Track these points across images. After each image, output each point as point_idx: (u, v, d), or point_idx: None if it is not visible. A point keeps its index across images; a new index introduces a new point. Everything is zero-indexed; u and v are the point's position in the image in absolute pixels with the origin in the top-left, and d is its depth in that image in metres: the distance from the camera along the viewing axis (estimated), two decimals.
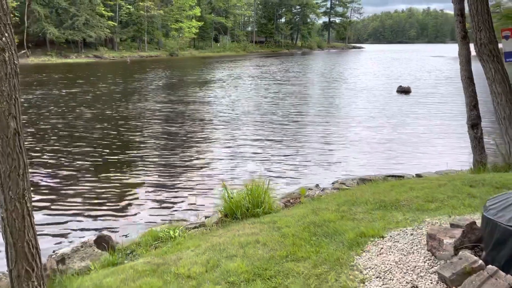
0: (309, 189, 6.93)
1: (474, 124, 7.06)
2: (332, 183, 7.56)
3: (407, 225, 4.06)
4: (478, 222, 3.96)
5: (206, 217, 6.00)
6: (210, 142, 11.54)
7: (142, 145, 11.10)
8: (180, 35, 79.51)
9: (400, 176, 7.58)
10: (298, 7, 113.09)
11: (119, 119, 15.07)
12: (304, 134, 12.42)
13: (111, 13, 66.28)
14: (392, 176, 7.54)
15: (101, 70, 42.50)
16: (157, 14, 72.94)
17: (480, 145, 7.04)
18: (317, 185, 7.32)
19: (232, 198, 5.48)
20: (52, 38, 59.57)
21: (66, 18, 60.80)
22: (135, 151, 10.47)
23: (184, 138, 11.99)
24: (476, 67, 7.09)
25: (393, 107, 17.94)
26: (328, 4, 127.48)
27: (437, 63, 51.60)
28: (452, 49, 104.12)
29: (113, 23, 66.82)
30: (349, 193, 5.63)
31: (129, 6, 69.94)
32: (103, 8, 64.03)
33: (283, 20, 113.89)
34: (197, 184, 7.85)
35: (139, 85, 27.26)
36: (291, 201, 6.16)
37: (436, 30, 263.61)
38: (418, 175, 7.70)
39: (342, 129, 13.12)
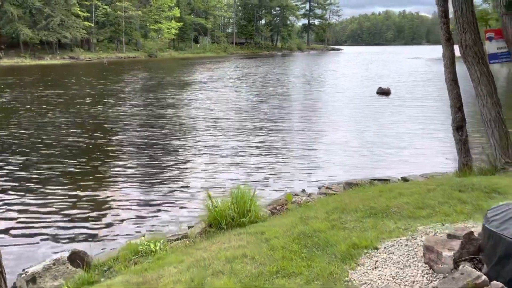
0: (295, 194, 6.74)
1: (459, 126, 7.00)
2: (318, 187, 7.39)
3: (401, 234, 3.90)
4: (474, 230, 3.83)
5: (189, 227, 5.72)
6: (190, 148, 11.15)
7: (118, 152, 10.65)
8: (159, 36, 78.56)
9: (386, 180, 7.47)
10: (277, 9, 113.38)
11: (93, 124, 14.52)
12: (287, 138, 12.20)
13: (87, 14, 64.94)
14: (378, 180, 7.42)
15: (76, 72, 41.51)
16: (135, 15, 71.88)
17: (465, 148, 6.98)
18: (303, 190, 7.13)
19: (216, 207, 5.23)
20: (26, 39, 57.98)
21: (40, 19, 59.27)
22: (110, 158, 9.99)
23: (164, 143, 11.56)
24: (457, 68, 7.05)
25: (374, 109, 17.98)
26: (307, 6, 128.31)
27: (414, 65, 52.40)
28: (428, 51, 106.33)
29: (89, 24, 65.50)
30: (337, 199, 5.46)
31: (106, 7, 68.70)
32: (78, 9, 62.68)
33: (263, 21, 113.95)
34: (178, 193, 7.50)
35: (115, 88, 26.64)
36: (277, 208, 5.96)
37: (412, 32, 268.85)
38: (404, 179, 7.60)
39: (325, 132, 12.96)
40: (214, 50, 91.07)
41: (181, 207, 6.74)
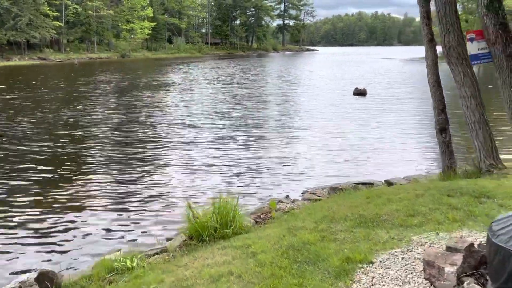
0: (279, 201, 6.48)
1: (442, 128, 6.92)
2: (302, 193, 7.16)
3: (395, 246, 3.70)
4: (471, 240, 3.66)
5: (168, 239, 5.39)
6: (167, 154, 10.56)
7: (88, 160, 10.04)
8: (132, 36, 77.12)
9: (370, 184, 7.32)
10: (252, 9, 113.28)
11: (61, 129, 13.75)
12: (267, 142, 11.80)
13: (57, 13, 63.07)
14: (362, 183, 7.27)
15: (45, 73, 40.13)
16: (106, 15, 70.30)
17: (449, 150, 6.90)
18: (287, 197, 6.89)
19: (197, 218, 4.92)
20: None
21: (8, 19, 57.14)
22: (79, 167, 9.34)
23: (138, 150, 10.95)
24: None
25: (352, 110, 17.91)
26: (282, 7, 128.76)
27: (388, 65, 53.21)
28: (400, 52, 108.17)
29: (59, 24, 63.63)
30: (324, 206, 5.24)
31: (76, 6, 66.90)
32: (47, 8, 60.77)
33: (238, 22, 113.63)
34: (155, 203, 7.01)
35: (86, 89, 25.79)
36: (261, 216, 5.69)
37: (384, 33, 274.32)
38: (388, 182, 7.47)
39: (305, 136, 12.64)
40: (188, 51, 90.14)
41: (159, 219, 6.30)
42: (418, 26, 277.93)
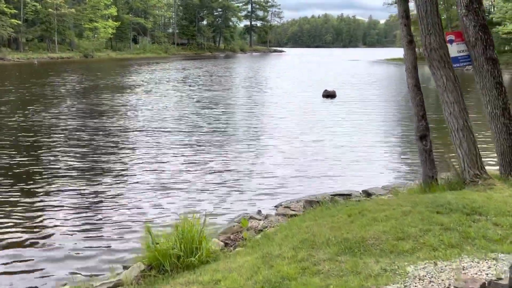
0: (250, 217, 5.89)
1: (422, 135, 6.52)
2: (275, 206, 6.58)
3: (389, 281, 3.18)
4: (473, 271, 3.20)
5: (124, 267, 4.68)
6: (124, 167, 9.50)
7: (35, 170, 9.08)
8: (95, 35, 74.64)
9: (348, 195, 6.86)
10: (219, 9, 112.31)
11: (8, 137, 12.55)
12: (233, 151, 10.99)
13: (15, 11, 60.07)
14: (339, 195, 6.79)
15: (2, 73, 37.92)
16: (68, 13, 67.65)
17: (430, 158, 6.52)
18: (259, 212, 6.30)
19: (157, 244, 4.26)
20: None
21: None
22: (24, 181, 8.31)
23: (91, 161, 9.81)
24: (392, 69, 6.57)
25: (321, 114, 17.47)
26: (249, 7, 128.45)
27: (355, 67, 53.74)
28: (365, 53, 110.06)
29: (17, 22, 60.66)
30: (302, 227, 4.68)
31: (35, 3, 64.01)
32: (4, 5, 57.78)
33: (205, 22, 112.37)
34: (109, 226, 6.12)
35: (43, 91, 24.30)
36: (231, 237, 5.08)
37: (349, 35, 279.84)
38: (366, 192, 7.03)
39: (274, 143, 11.89)
40: (154, 51, 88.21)
41: (114, 244, 5.51)
42: (382, 29, 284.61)
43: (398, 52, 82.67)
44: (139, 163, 9.67)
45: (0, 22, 57.38)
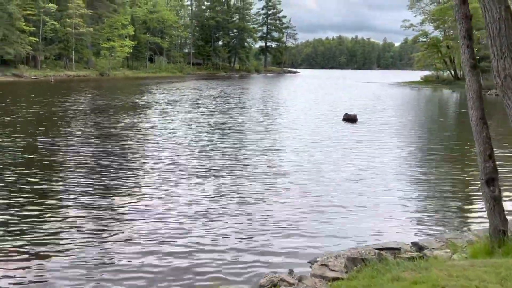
0: (280, 280, 4.74)
1: (490, 179, 5.38)
2: (310, 263, 5.41)
3: None
4: None
5: None
6: (127, 203, 8.14)
7: (33, 200, 8.20)
8: (112, 54, 75.23)
9: (396, 249, 5.68)
10: (235, 30, 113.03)
11: (20, 155, 11.81)
12: (248, 187, 9.32)
13: (33, 28, 60.84)
14: (386, 249, 5.62)
15: (15, 91, 37.82)
16: (86, 32, 68.39)
17: (499, 207, 5.36)
18: (290, 272, 5.14)
19: None
20: None
21: None
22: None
23: (93, 196, 9.04)
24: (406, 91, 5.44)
25: (344, 141, 15.90)
26: (265, 29, 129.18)
27: (373, 89, 52.62)
28: (381, 76, 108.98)
29: (36, 40, 61.35)
30: None
31: (54, 22, 64.81)
32: (24, 23, 58.54)
33: (220, 43, 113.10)
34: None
35: (55, 110, 23.72)
36: None
37: (364, 57, 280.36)
38: (416, 245, 5.86)
39: (294, 178, 10.02)
40: (170, 70, 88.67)
41: None
42: (396, 51, 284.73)
43: (414, 75, 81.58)
44: (140, 205, 8.42)
45: (19, 40, 58.02)
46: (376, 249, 5.54)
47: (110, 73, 72.12)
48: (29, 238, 6.29)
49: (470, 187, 9.69)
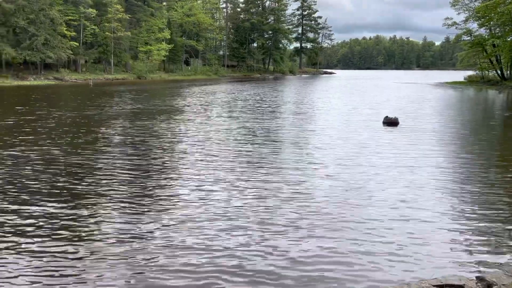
0: None
1: None
2: None
3: None
4: None
5: None
6: (160, 212, 8.25)
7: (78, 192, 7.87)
8: (149, 57, 76.67)
9: (459, 286, 4.84)
10: (270, 32, 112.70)
11: (55, 158, 11.69)
12: (280, 215, 8.71)
13: (74, 33, 62.82)
14: (449, 286, 4.79)
15: (55, 93, 38.86)
16: (124, 36, 69.97)
17: None
18: None
19: None
20: (8, 59, 55.59)
21: (24, 38, 56.92)
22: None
23: (136, 187, 8.73)
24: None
25: (386, 150, 14.75)
26: (300, 30, 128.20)
27: (413, 90, 50.61)
28: (422, 76, 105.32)
29: (76, 44, 63.32)
30: None
31: (94, 27, 66.70)
32: (65, 28, 60.54)
33: (255, 44, 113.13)
34: None
35: (91, 113, 23.94)
36: None
37: (402, 57, 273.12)
38: (483, 281, 4.98)
39: (335, 200, 8.91)
40: (205, 73, 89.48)
41: None
42: (437, 51, 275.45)
43: (457, 75, 78.09)
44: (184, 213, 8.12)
45: (60, 45, 60.00)
46: (434, 286, 4.73)
47: (147, 76, 73.48)
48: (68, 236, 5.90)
49: None
